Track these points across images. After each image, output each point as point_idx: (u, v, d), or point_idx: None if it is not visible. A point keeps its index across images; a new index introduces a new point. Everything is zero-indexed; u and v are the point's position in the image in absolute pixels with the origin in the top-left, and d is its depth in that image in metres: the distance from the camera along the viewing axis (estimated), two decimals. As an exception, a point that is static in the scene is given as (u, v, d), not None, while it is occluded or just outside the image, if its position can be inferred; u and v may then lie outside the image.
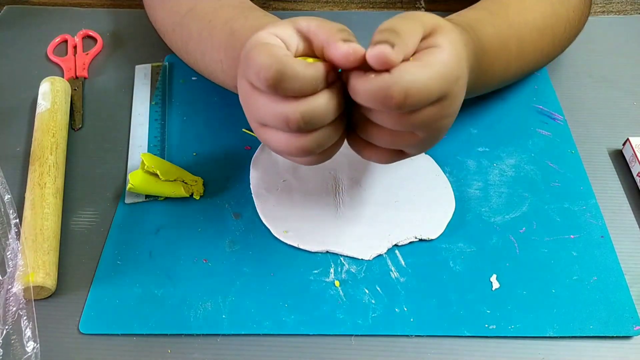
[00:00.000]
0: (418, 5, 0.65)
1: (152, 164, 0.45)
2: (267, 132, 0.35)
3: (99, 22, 0.63)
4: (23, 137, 0.51)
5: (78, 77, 0.57)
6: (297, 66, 0.31)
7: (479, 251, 0.43)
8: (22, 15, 0.65)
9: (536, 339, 0.39)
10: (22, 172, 0.48)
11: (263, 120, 0.34)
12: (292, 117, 0.32)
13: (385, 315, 0.39)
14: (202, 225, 0.45)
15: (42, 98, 0.51)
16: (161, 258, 0.43)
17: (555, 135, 0.51)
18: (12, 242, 0.42)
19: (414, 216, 0.44)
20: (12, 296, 0.39)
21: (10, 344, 0.38)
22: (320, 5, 0.65)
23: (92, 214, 0.46)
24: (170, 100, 0.54)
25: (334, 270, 0.42)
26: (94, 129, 0.53)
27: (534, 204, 0.46)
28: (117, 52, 0.60)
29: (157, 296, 0.41)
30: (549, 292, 0.40)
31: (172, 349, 0.38)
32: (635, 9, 0.65)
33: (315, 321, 0.39)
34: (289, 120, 0.32)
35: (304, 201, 0.45)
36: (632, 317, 0.39)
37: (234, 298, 0.40)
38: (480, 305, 0.40)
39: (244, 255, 0.43)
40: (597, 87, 0.56)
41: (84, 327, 0.39)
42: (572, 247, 0.43)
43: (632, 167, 0.48)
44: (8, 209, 0.44)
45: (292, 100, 0.32)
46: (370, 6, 0.65)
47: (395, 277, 0.41)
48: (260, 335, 0.39)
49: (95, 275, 0.42)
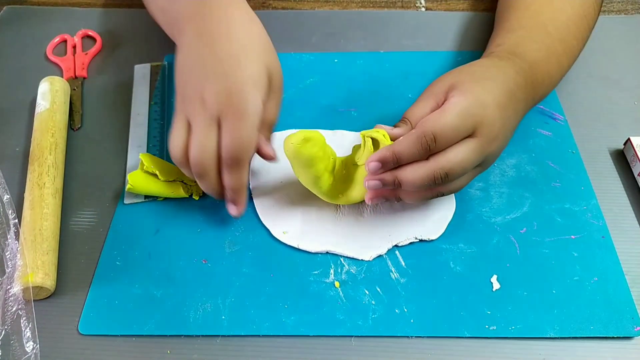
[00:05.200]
0: (418, 5, 0.65)
1: (151, 164, 0.45)
2: (181, 130, 0.41)
3: (98, 22, 0.63)
4: (22, 137, 0.51)
5: (77, 77, 0.57)
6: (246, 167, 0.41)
7: (480, 252, 0.43)
8: (22, 15, 0.64)
9: (537, 340, 0.38)
10: (22, 172, 0.48)
11: (193, 130, 0.41)
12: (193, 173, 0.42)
13: (386, 316, 0.39)
14: (202, 226, 0.44)
15: (41, 98, 0.51)
16: (160, 258, 0.43)
17: (556, 135, 0.51)
18: (12, 243, 0.42)
19: (414, 216, 0.44)
20: (12, 296, 0.39)
21: (10, 345, 0.38)
22: (320, 5, 0.64)
23: (92, 214, 0.46)
24: (170, 100, 0.54)
25: (334, 271, 0.42)
26: (93, 129, 0.52)
27: (535, 204, 0.45)
28: (116, 52, 0.60)
29: (156, 297, 0.40)
30: (549, 292, 0.40)
31: (171, 349, 0.38)
32: (635, 9, 0.65)
33: (315, 322, 0.39)
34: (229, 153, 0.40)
35: (302, 202, 0.45)
36: (632, 318, 0.39)
37: (233, 299, 0.40)
38: (480, 306, 0.40)
39: (244, 255, 0.43)
40: (597, 86, 0.56)
41: (83, 328, 0.39)
42: (572, 247, 0.43)
43: (633, 167, 0.48)
44: (7, 209, 0.44)
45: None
46: (370, 6, 0.65)
47: (396, 277, 0.41)
48: (260, 336, 0.39)
49: (94, 275, 0.42)
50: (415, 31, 0.61)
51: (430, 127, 0.37)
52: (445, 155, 0.38)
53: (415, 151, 0.38)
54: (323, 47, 0.59)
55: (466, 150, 0.38)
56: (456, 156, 0.38)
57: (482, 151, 0.39)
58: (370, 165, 0.39)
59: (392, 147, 0.38)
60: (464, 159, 0.38)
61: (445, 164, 0.38)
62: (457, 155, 0.38)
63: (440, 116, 0.38)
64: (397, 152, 0.38)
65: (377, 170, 0.39)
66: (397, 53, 0.59)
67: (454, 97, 0.39)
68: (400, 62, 0.58)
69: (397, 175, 0.39)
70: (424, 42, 0.60)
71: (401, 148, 0.38)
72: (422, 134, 0.37)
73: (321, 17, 0.63)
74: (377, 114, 0.53)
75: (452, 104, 0.39)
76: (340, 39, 0.60)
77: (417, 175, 0.38)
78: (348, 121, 0.52)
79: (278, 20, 0.62)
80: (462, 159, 0.38)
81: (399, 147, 0.38)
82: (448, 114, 0.38)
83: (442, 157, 0.38)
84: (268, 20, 0.63)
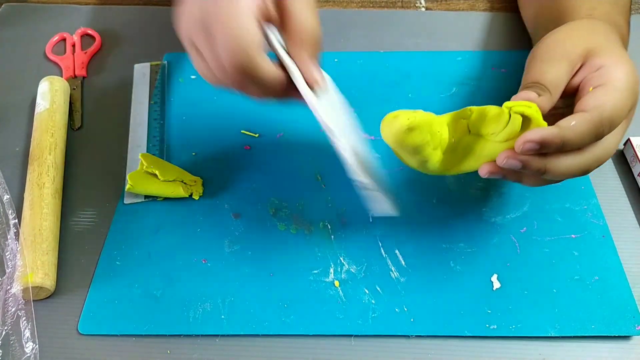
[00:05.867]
0: (418, 5, 0.65)
1: (151, 164, 0.45)
2: (197, 57, 0.35)
3: (98, 20, 0.63)
4: (22, 137, 0.51)
5: (77, 76, 0.57)
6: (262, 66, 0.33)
7: (480, 251, 0.43)
8: (20, 13, 0.64)
9: (537, 339, 0.38)
10: (21, 172, 0.48)
11: (204, 57, 0.34)
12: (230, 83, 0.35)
13: (386, 316, 0.39)
14: (202, 226, 0.44)
15: (41, 98, 0.51)
16: (160, 258, 0.43)
17: (556, 134, 0.51)
18: (11, 243, 0.42)
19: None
20: (11, 297, 0.39)
21: (9, 345, 0.38)
22: (320, 5, 0.64)
23: (91, 214, 0.46)
24: (170, 100, 0.54)
25: (334, 270, 0.42)
26: (93, 129, 0.52)
27: (535, 203, 0.45)
28: (116, 51, 0.60)
29: (156, 297, 0.40)
30: (550, 291, 0.40)
31: (171, 349, 0.38)
32: (635, 9, 0.65)
33: (314, 321, 0.39)
34: (228, 82, 0.34)
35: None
36: (633, 317, 0.39)
37: (233, 298, 0.40)
38: (481, 305, 0.40)
39: (244, 255, 0.43)
40: (597, 86, 0.56)
41: (83, 328, 0.39)
42: (573, 246, 0.43)
43: (633, 167, 0.48)
44: (7, 209, 0.44)
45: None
46: (370, 5, 0.65)
47: (396, 277, 0.41)
48: (260, 335, 0.39)
49: (94, 275, 0.42)
50: (415, 31, 0.61)
51: (609, 112, 0.31)
52: (602, 143, 0.33)
53: (589, 141, 0.32)
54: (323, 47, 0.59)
55: (617, 135, 0.34)
56: (610, 144, 0.33)
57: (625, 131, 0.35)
58: (526, 146, 0.32)
59: (563, 134, 0.31)
60: (615, 146, 0.34)
61: (600, 154, 0.33)
62: (611, 142, 0.33)
63: (614, 96, 0.32)
64: (568, 140, 0.31)
65: (532, 151, 0.32)
66: (397, 53, 0.59)
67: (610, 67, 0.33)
68: (400, 62, 0.58)
69: (546, 164, 0.33)
70: (424, 42, 0.60)
71: (574, 136, 0.31)
72: (600, 121, 0.31)
73: (321, 17, 0.63)
74: (377, 114, 0.52)
75: (617, 80, 0.33)
76: (340, 39, 0.60)
77: (572, 169, 0.33)
78: (348, 121, 0.52)
79: (278, 19, 0.62)
80: (614, 147, 0.33)
81: (571, 135, 0.31)
82: (620, 93, 0.32)
83: (599, 146, 0.33)
84: (268, 20, 0.63)
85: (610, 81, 0.33)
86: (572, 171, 0.33)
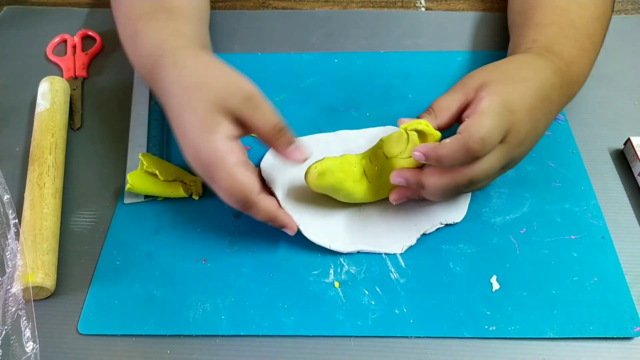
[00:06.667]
0: (418, 5, 0.65)
1: (151, 164, 0.45)
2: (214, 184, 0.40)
3: (98, 22, 0.63)
4: (22, 137, 0.51)
5: (77, 77, 0.57)
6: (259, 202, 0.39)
7: (479, 252, 0.43)
8: (22, 15, 0.64)
9: (536, 340, 0.38)
10: (22, 172, 0.48)
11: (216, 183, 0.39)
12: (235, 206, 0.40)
13: (385, 317, 0.39)
14: (201, 226, 0.44)
15: (41, 98, 0.51)
16: (160, 258, 0.43)
17: (556, 135, 0.51)
18: (12, 243, 0.42)
19: (435, 203, 0.44)
20: (12, 296, 0.39)
21: (10, 345, 0.38)
22: (320, 5, 0.64)
23: (91, 214, 0.46)
24: (170, 100, 0.54)
25: (334, 271, 0.42)
26: (93, 129, 0.52)
27: (535, 204, 0.45)
28: (116, 52, 0.60)
29: (156, 297, 0.40)
30: (549, 293, 0.40)
31: (171, 349, 0.38)
32: (635, 9, 0.65)
33: (314, 322, 0.39)
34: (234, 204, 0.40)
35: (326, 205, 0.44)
36: (632, 319, 0.39)
37: (233, 299, 0.40)
38: (480, 306, 0.40)
39: (243, 255, 0.43)
40: (598, 86, 0.56)
41: (83, 328, 0.39)
42: (572, 247, 0.43)
43: (633, 167, 0.48)
44: (7, 209, 0.44)
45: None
46: (370, 5, 0.65)
47: (395, 278, 0.41)
48: (260, 336, 0.39)
49: (94, 275, 0.42)
50: (415, 31, 0.61)
51: (476, 133, 0.36)
52: (478, 164, 0.37)
53: (461, 157, 0.37)
54: (323, 47, 0.59)
55: (491, 157, 0.38)
56: (481, 164, 0.37)
57: (507, 157, 0.39)
58: (415, 155, 0.38)
59: (438, 148, 0.37)
60: (489, 167, 0.38)
61: (469, 172, 0.37)
62: (483, 163, 0.37)
63: (481, 120, 0.37)
64: (441, 155, 0.37)
65: (421, 160, 0.38)
66: (397, 53, 0.59)
67: (485, 98, 0.38)
68: (400, 62, 0.58)
69: (420, 179, 0.39)
70: (424, 42, 0.60)
71: (446, 151, 0.37)
72: (467, 141, 0.36)
73: (321, 17, 0.63)
74: (377, 113, 0.53)
75: (487, 107, 0.38)
76: (340, 39, 0.60)
77: (441, 183, 0.38)
78: (348, 121, 0.52)
79: (278, 20, 0.62)
80: (487, 167, 0.38)
81: (444, 150, 0.37)
82: (488, 118, 0.37)
83: (473, 167, 0.37)
84: (268, 20, 0.63)
85: (478, 109, 0.38)
86: (444, 185, 0.38)
